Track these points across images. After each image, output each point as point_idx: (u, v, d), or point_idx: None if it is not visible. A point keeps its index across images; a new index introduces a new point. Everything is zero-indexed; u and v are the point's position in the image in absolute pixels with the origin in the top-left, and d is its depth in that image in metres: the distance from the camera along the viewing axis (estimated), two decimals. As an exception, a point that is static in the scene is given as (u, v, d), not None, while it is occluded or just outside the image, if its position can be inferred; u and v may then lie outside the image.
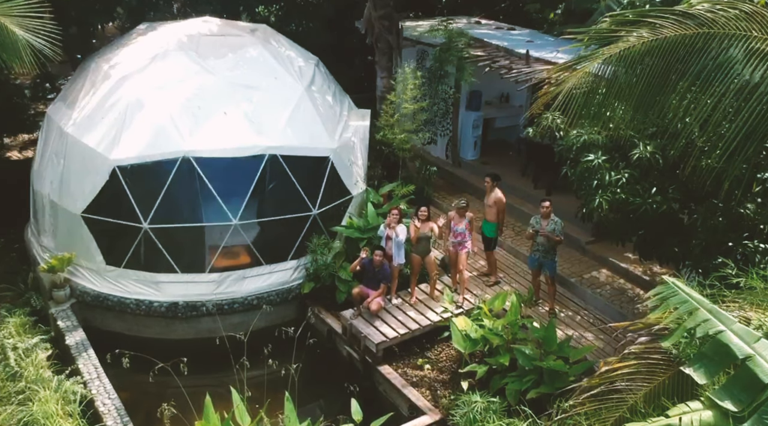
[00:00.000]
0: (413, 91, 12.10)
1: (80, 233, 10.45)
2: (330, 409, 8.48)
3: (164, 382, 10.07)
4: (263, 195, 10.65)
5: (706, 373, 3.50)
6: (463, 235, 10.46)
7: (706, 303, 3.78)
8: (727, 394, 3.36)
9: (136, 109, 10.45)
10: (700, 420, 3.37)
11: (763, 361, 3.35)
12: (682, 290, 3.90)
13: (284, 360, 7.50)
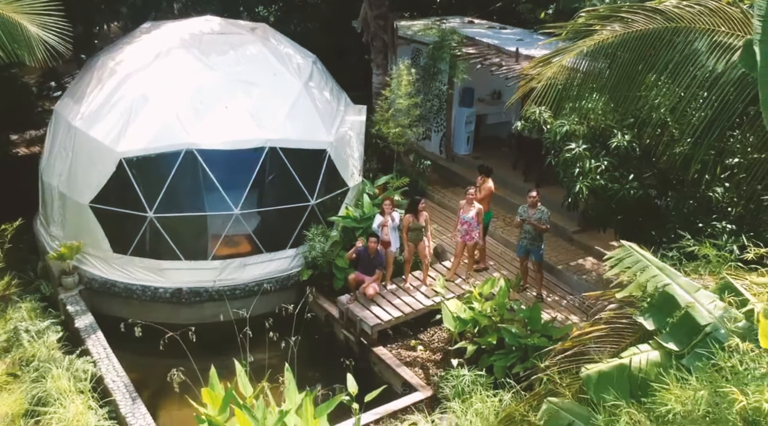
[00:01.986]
0: (407, 87, 12.59)
1: (88, 222, 10.92)
2: (327, 383, 8.95)
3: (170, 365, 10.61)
4: (263, 186, 11.14)
5: (655, 321, 3.99)
6: (470, 224, 10.89)
7: (656, 262, 4.27)
8: (671, 337, 3.84)
9: (142, 104, 10.93)
10: (648, 359, 3.86)
11: (701, 307, 3.84)
12: (636, 252, 4.40)
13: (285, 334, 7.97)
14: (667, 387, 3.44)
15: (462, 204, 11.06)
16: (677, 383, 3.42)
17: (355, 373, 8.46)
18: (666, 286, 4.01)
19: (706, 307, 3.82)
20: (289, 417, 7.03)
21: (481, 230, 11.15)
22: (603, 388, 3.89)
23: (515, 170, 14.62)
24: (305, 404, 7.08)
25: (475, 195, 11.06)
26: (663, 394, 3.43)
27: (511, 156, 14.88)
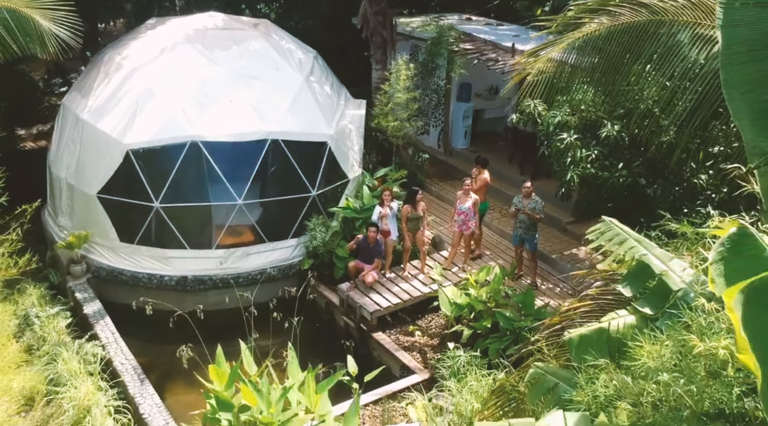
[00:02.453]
0: (405, 82, 12.91)
1: (96, 212, 11.24)
2: (328, 363, 9.27)
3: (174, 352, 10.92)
4: (266, 177, 11.46)
5: (632, 288, 4.32)
6: (466, 214, 11.22)
7: (634, 235, 4.60)
8: (647, 302, 4.17)
9: (148, 98, 11.26)
10: (625, 323, 4.19)
11: (674, 275, 4.17)
12: (616, 226, 4.73)
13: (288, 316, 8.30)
14: (641, 345, 3.77)
15: (459, 195, 11.39)
16: (649, 341, 3.75)
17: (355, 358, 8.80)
18: (642, 256, 4.34)
19: (678, 274, 4.15)
20: (292, 393, 7.36)
21: (477, 220, 11.48)
22: (584, 350, 4.22)
23: (511, 164, 14.95)
24: (307, 381, 7.40)
25: (471, 186, 11.37)
26: (636, 351, 3.76)
27: (507, 150, 15.20)
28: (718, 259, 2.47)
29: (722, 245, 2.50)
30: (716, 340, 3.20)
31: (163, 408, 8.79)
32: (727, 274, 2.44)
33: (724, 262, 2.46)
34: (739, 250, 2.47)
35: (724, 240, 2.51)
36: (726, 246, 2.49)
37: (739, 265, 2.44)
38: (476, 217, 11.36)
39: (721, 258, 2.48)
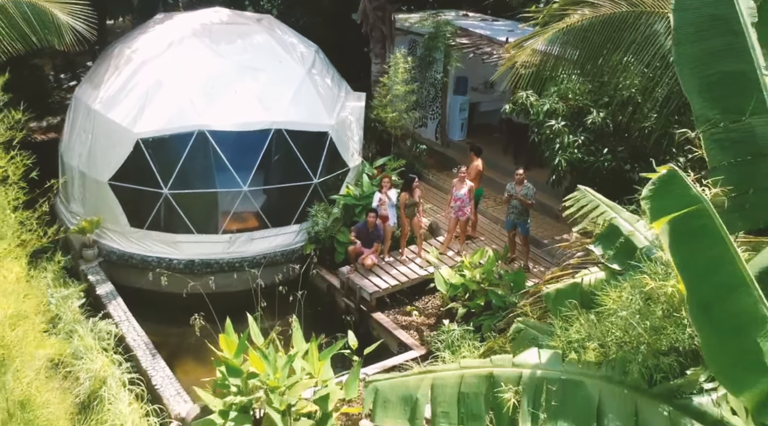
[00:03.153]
0: (404, 75, 13.42)
1: (107, 199, 11.75)
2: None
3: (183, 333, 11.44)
4: (270, 165, 11.97)
5: (603, 247, 4.83)
6: (462, 201, 11.73)
7: (606, 201, 5.12)
8: (615, 259, 4.68)
9: (157, 89, 11.77)
10: (596, 278, 4.70)
11: (639, 234, 4.68)
12: (590, 194, 5.25)
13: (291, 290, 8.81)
14: (607, 293, 4.28)
15: (455, 182, 11.90)
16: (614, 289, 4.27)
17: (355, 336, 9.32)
18: (612, 219, 4.86)
19: (643, 233, 4.67)
20: (297, 361, 7.89)
21: (472, 206, 12.00)
22: (559, 302, 4.74)
23: (506, 155, 15.47)
24: (311, 349, 7.94)
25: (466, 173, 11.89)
26: (603, 298, 4.28)
27: (502, 141, 15.72)
28: (649, 195, 2.97)
29: (654, 184, 3.00)
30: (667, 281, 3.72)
31: (174, 379, 9.30)
32: (657, 208, 2.94)
33: (655, 198, 2.96)
34: (667, 189, 2.96)
35: (656, 180, 3.00)
36: (657, 185, 2.99)
37: (667, 201, 2.93)
38: (471, 204, 11.87)
39: (652, 195, 2.97)
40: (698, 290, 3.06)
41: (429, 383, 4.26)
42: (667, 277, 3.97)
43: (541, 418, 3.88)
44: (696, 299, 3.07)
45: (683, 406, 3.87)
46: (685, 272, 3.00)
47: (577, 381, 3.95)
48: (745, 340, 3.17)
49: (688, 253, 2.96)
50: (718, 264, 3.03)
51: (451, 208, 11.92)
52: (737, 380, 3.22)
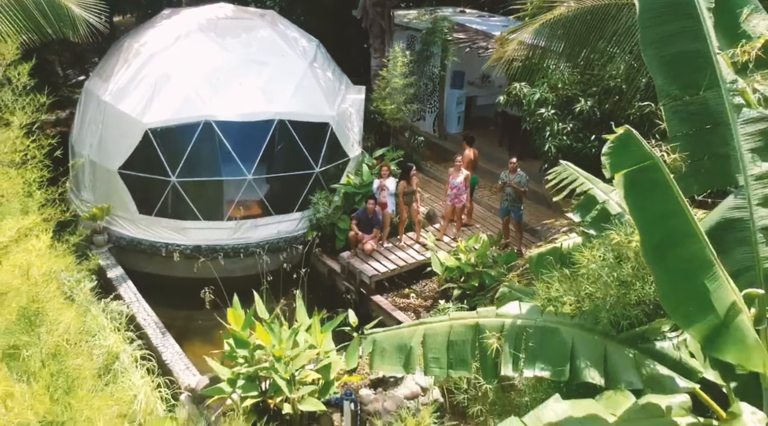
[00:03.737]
0: (402, 68, 13.90)
1: (117, 187, 12.23)
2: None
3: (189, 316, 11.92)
4: (273, 154, 12.45)
5: (581, 215, 5.31)
6: (458, 189, 12.21)
7: (585, 174, 5.59)
8: (591, 225, 5.15)
9: (165, 81, 12.25)
10: (574, 242, 5.18)
11: (613, 202, 5.16)
12: (571, 168, 5.73)
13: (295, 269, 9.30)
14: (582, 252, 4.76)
15: (451, 171, 12.39)
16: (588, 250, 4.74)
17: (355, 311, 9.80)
18: (589, 190, 5.33)
19: (616, 201, 5.14)
20: (300, 334, 8.37)
21: (468, 194, 12.49)
22: (541, 265, 5.22)
23: (501, 147, 15.96)
24: (314, 323, 8.42)
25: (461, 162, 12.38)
26: (577, 256, 4.75)
27: (498, 134, 16.21)
28: (608, 152, 3.43)
29: (612, 142, 3.46)
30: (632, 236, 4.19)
31: (183, 355, 9.77)
32: (615, 163, 3.40)
33: (613, 154, 3.42)
34: (624, 146, 3.42)
35: (614, 139, 3.47)
36: (614, 143, 3.45)
37: (623, 157, 3.39)
38: (467, 192, 12.35)
39: (611, 151, 3.43)
40: (651, 237, 3.54)
41: (421, 333, 4.73)
42: (634, 235, 4.44)
43: (521, 360, 4.35)
44: (649, 245, 3.55)
45: (647, 349, 4.35)
46: (639, 220, 3.48)
47: (553, 328, 4.43)
48: (693, 282, 3.65)
49: (641, 203, 3.43)
50: (668, 214, 3.51)
51: (447, 196, 12.39)
52: (687, 316, 3.69)
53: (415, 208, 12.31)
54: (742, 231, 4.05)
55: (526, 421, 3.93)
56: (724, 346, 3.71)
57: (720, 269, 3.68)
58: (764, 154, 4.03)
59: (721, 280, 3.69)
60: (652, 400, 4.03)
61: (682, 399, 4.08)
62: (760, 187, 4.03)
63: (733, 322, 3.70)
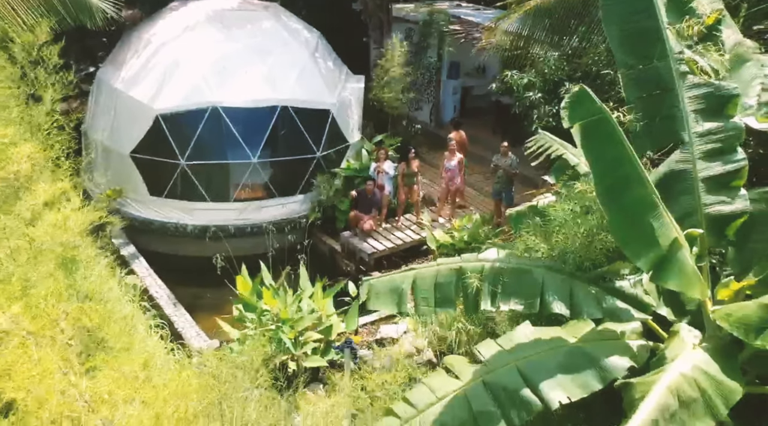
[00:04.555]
0: (400, 58, 14.54)
1: (129, 170, 12.88)
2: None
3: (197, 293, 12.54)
4: (276, 139, 13.09)
5: (555, 177, 5.96)
6: (452, 171, 12.86)
7: (559, 141, 6.24)
8: (564, 186, 5.81)
9: (174, 69, 12.89)
10: (548, 201, 5.83)
11: (583, 165, 5.82)
12: (548, 136, 6.38)
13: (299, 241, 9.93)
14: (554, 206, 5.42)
15: (446, 154, 13.04)
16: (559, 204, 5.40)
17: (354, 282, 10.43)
18: (562, 155, 5.98)
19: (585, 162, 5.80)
20: (304, 300, 9.03)
21: (462, 177, 13.14)
22: (519, 221, 5.88)
23: (495, 135, 16.58)
24: (316, 289, 9.09)
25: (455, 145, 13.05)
26: (550, 212, 5.41)
27: (492, 122, 16.86)
28: (566, 106, 4.07)
29: (569, 98, 4.09)
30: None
31: (194, 324, 10.42)
32: (572, 115, 4.03)
33: (570, 108, 4.05)
34: (579, 101, 4.05)
35: (571, 95, 4.10)
36: (571, 99, 4.08)
37: (579, 111, 4.02)
38: (461, 174, 13.00)
39: (568, 106, 4.07)
40: (604, 180, 4.18)
41: (411, 277, 5.39)
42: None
43: (498, 296, 5.00)
44: (602, 188, 4.20)
45: (607, 287, 5.00)
46: (593, 166, 4.13)
47: (526, 269, 5.08)
48: (641, 220, 4.30)
49: (594, 150, 4.08)
50: (618, 161, 4.15)
51: (442, 179, 13.05)
52: (636, 250, 4.34)
53: (416, 190, 12.97)
54: (686, 181, 4.70)
55: (500, 342, 4.60)
56: (668, 275, 4.36)
57: (664, 210, 4.33)
58: (705, 115, 4.68)
59: (665, 219, 4.34)
60: (608, 326, 4.70)
61: (634, 326, 4.75)
62: (702, 144, 4.68)
63: (675, 255, 4.35)
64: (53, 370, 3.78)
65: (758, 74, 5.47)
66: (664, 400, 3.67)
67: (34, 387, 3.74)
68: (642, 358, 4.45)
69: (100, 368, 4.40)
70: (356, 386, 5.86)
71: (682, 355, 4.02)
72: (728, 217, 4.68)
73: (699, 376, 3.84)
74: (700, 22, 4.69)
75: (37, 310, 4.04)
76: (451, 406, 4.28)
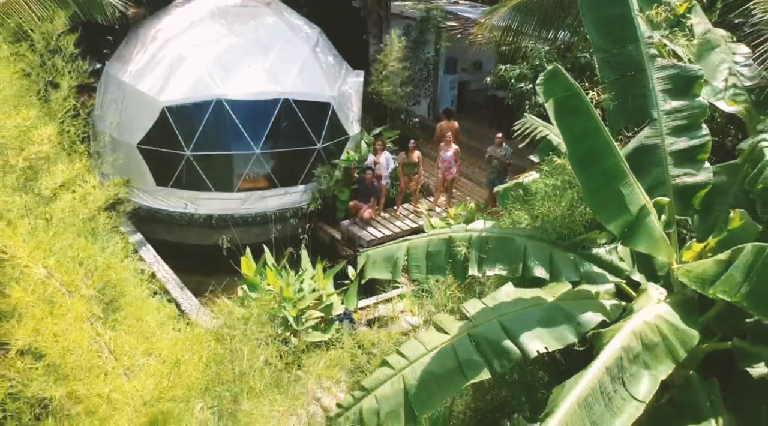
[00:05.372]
0: (398, 52, 15.00)
1: (136, 161, 13.32)
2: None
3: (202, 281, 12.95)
4: (278, 131, 13.53)
5: (539, 156, 6.40)
6: (448, 162, 13.30)
7: (542, 123, 6.69)
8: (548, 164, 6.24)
9: (180, 63, 13.34)
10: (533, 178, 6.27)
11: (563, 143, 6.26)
12: (534, 119, 6.82)
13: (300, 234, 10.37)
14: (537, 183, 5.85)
15: (442, 145, 13.48)
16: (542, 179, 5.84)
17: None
18: (546, 136, 6.42)
19: (567, 143, 6.24)
20: (306, 280, 9.47)
21: (458, 167, 13.59)
22: (506, 196, 6.32)
23: (491, 128, 17.01)
24: (318, 270, 9.53)
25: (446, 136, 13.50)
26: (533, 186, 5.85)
27: (488, 117, 17.32)
28: (541, 83, 4.50)
29: (544, 76, 4.53)
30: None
31: (200, 305, 10.87)
32: (547, 90, 4.47)
33: (545, 84, 4.49)
34: (553, 78, 4.48)
35: (546, 72, 4.54)
36: (546, 76, 4.52)
37: (553, 87, 4.46)
38: (457, 165, 13.44)
39: (543, 82, 4.50)
40: (576, 151, 4.62)
41: (405, 247, 5.83)
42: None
43: (484, 263, 5.44)
44: (575, 157, 4.64)
45: (585, 254, 5.44)
46: (566, 138, 4.57)
47: (509, 237, 5.52)
48: (611, 188, 4.73)
49: (567, 124, 4.52)
50: (589, 133, 4.59)
51: (438, 169, 13.49)
52: (608, 215, 4.77)
53: (416, 180, 13.42)
54: (655, 155, 5.13)
55: (484, 300, 5.05)
56: (637, 239, 4.79)
57: (633, 179, 4.77)
58: (672, 94, 5.12)
59: (634, 188, 4.77)
60: (584, 287, 5.14)
61: (608, 287, 5.19)
62: (670, 120, 5.12)
63: (644, 220, 4.78)
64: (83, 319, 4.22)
65: (726, 59, 5.92)
66: (628, 343, 4.10)
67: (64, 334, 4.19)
68: (614, 314, 4.88)
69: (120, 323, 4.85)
70: (354, 345, 6.30)
71: (647, 307, 4.46)
72: (694, 188, 5.11)
73: (661, 323, 4.28)
74: (668, 10, 5.13)
75: (65, 267, 4.48)
76: (440, 356, 4.71)
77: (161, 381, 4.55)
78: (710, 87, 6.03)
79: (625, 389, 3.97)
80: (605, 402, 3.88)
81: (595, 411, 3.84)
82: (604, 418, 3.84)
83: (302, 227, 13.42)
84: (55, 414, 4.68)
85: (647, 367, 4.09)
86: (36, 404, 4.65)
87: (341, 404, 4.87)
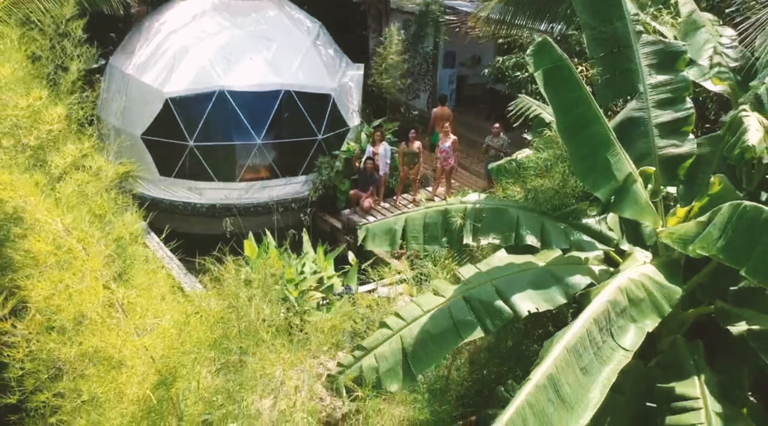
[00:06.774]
0: (397, 46, 15.25)
1: (140, 151, 13.56)
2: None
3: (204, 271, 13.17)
4: (280, 122, 13.78)
5: (532, 135, 6.64)
6: (447, 152, 13.54)
7: (536, 103, 6.93)
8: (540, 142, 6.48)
9: (183, 55, 13.59)
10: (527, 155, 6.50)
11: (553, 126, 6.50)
12: (528, 100, 7.06)
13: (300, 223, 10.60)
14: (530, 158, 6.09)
15: (441, 136, 13.73)
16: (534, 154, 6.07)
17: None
18: (539, 114, 6.66)
19: (559, 121, 6.48)
20: (307, 263, 9.71)
21: (456, 157, 13.83)
22: (501, 173, 6.56)
23: (489, 120, 17.23)
24: (319, 253, 9.76)
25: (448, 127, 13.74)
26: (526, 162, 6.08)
27: (486, 110, 17.55)
28: (531, 54, 4.74)
29: (533, 47, 4.76)
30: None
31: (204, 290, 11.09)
32: (536, 62, 4.70)
33: (535, 55, 4.72)
34: (542, 50, 4.71)
35: (535, 44, 4.77)
36: (536, 47, 4.75)
37: (542, 58, 4.69)
38: (455, 155, 13.68)
39: (533, 53, 4.74)
40: (564, 119, 4.86)
41: (403, 219, 6.07)
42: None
43: (478, 232, 5.67)
44: (563, 126, 4.87)
45: (575, 224, 5.66)
46: (555, 107, 4.80)
47: (503, 208, 5.74)
48: (598, 156, 4.97)
49: (556, 93, 4.75)
50: (577, 102, 4.82)
51: (437, 159, 13.73)
52: (595, 182, 5.01)
53: (416, 169, 13.66)
54: (642, 126, 5.37)
55: (478, 266, 5.28)
56: (623, 205, 5.03)
57: (619, 148, 5.00)
58: (657, 69, 5.35)
59: (621, 156, 5.01)
60: (574, 254, 5.37)
61: (597, 253, 5.42)
62: (655, 94, 5.35)
63: (630, 187, 5.02)
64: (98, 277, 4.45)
65: (710, 39, 6.16)
66: (614, 297, 4.33)
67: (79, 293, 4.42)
68: (602, 278, 5.10)
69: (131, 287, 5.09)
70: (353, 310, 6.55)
71: (633, 267, 4.69)
72: (678, 158, 5.34)
73: (646, 280, 4.51)
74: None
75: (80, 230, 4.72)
76: (435, 317, 4.95)
77: (170, 340, 4.79)
78: (697, 67, 6.28)
79: (613, 340, 4.20)
80: (594, 350, 4.11)
81: (584, 358, 4.07)
82: (593, 366, 4.07)
83: (303, 216, 13.72)
84: (70, 373, 4.92)
85: (634, 321, 4.31)
86: (50, 365, 4.89)
87: (342, 363, 5.10)
